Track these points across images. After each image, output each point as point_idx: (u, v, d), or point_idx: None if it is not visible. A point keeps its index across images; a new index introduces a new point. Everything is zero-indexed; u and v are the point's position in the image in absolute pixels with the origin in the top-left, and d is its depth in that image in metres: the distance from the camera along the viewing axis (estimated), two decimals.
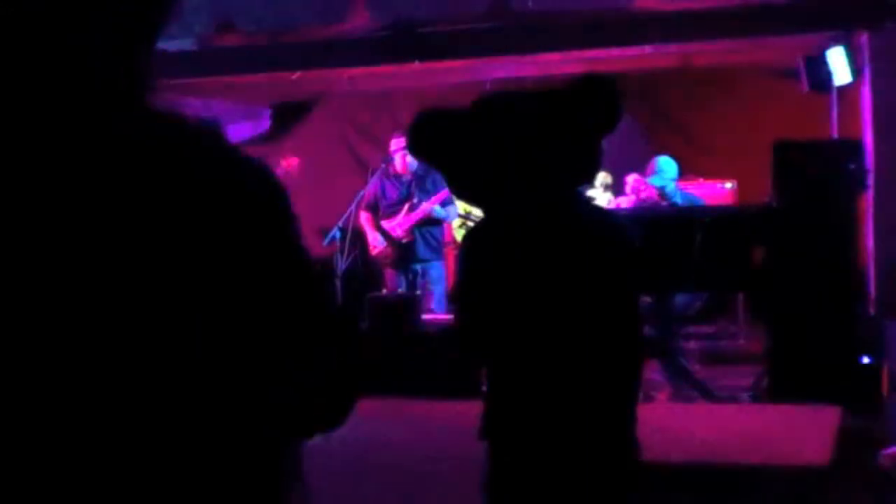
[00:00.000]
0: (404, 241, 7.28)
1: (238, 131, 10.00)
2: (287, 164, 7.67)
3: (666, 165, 7.02)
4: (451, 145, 2.26)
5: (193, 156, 1.11)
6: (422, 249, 7.30)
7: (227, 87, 8.65)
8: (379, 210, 7.42)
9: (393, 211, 7.34)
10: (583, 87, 2.21)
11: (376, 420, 5.94)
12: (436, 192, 7.14)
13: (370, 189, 7.48)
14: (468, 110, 2.28)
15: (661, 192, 6.92)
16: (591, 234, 2.21)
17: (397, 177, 7.37)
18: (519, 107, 2.26)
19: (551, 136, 2.21)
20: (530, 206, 2.20)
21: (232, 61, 7.55)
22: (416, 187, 7.25)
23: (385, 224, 7.34)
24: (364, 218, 7.48)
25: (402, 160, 7.23)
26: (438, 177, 6.95)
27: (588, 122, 2.21)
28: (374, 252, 7.45)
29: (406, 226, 7.26)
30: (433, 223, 7.31)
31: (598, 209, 2.39)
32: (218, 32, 7.04)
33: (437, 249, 7.38)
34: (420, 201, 7.22)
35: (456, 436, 5.19)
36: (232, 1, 6.89)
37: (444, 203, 7.20)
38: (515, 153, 2.19)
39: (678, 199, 6.99)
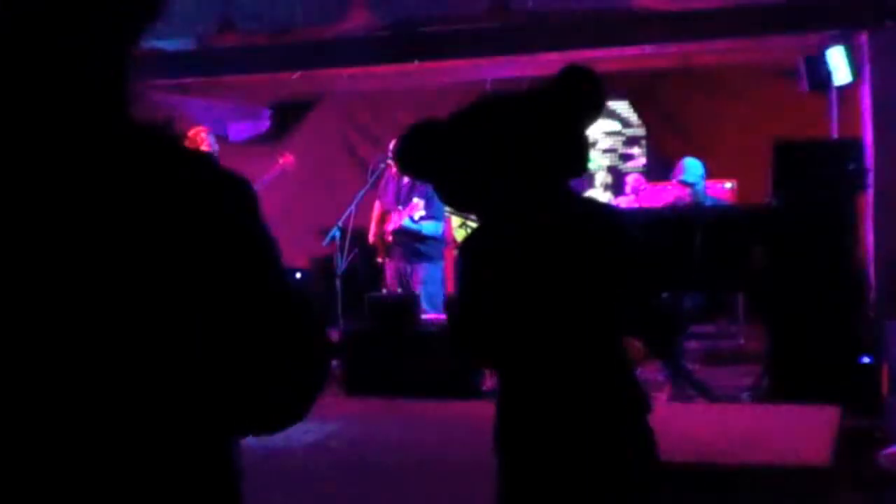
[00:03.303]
0: (387, 242, 7.28)
1: (238, 131, 10.01)
2: (284, 161, 7.67)
3: (693, 166, 7.00)
4: (437, 157, 2.26)
5: (183, 158, 1.12)
6: (407, 252, 7.24)
7: (227, 87, 8.65)
8: (382, 203, 7.45)
9: (388, 209, 7.36)
10: (564, 79, 2.22)
11: (376, 420, 5.95)
12: (406, 205, 7.10)
13: (382, 180, 7.51)
14: (451, 120, 2.28)
15: (693, 191, 6.90)
16: (588, 230, 2.21)
17: (398, 178, 7.38)
18: (502, 108, 2.26)
19: (538, 133, 2.21)
20: (524, 206, 2.19)
21: (232, 61, 7.55)
22: (403, 196, 7.22)
23: (387, 219, 7.38)
24: (375, 207, 7.48)
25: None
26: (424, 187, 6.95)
27: (572, 113, 2.22)
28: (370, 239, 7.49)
29: (390, 229, 7.26)
30: (413, 237, 7.20)
31: (596, 204, 2.38)
32: (218, 32, 7.03)
33: (425, 254, 7.28)
34: (397, 211, 7.20)
35: (455, 436, 5.20)
36: (232, 1, 6.88)
37: (420, 217, 7.10)
38: (503, 154, 2.19)
39: (707, 201, 6.97)
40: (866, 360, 5.65)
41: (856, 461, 4.52)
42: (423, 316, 6.84)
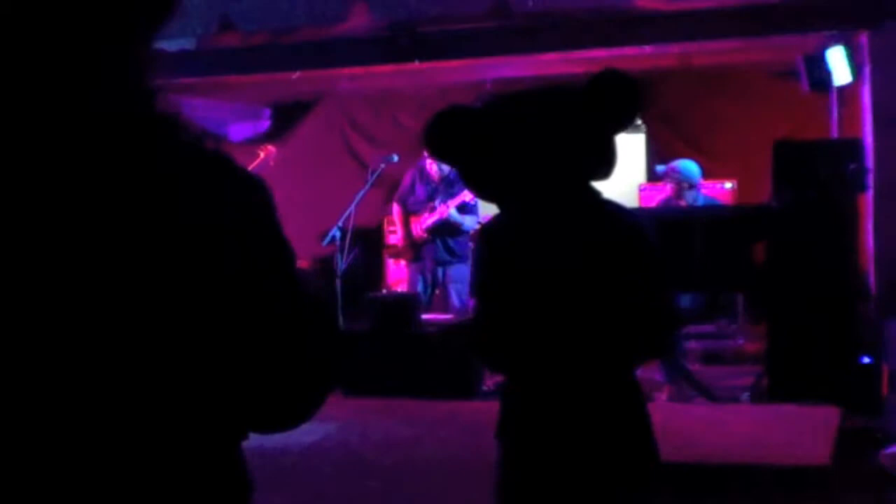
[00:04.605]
0: (420, 241, 7.31)
1: (238, 131, 10.00)
2: (265, 153, 7.67)
3: (684, 167, 6.99)
4: (467, 143, 2.26)
5: (198, 158, 1.12)
6: (440, 252, 7.31)
7: (227, 87, 8.65)
8: (407, 205, 7.46)
9: (418, 209, 7.37)
10: (598, 83, 2.21)
11: (376, 420, 5.95)
12: (454, 197, 7.15)
13: (404, 183, 7.51)
14: (484, 108, 2.28)
15: (679, 193, 6.90)
16: (605, 231, 2.21)
17: (429, 178, 7.38)
18: (534, 104, 2.26)
19: (566, 133, 2.21)
20: (545, 203, 2.20)
21: (232, 61, 7.55)
22: (442, 192, 7.26)
23: (411, 221, 7.39)
24: (395, 210, 7.55)
25: (433, 165, 7.28)
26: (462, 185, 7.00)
27: (603, 117, 2.21)
28: (391, 243, 7.49)
29: (424, 226, 7.28)
30: (452, 232, 7.27)
31: (615, 205, 2.39)
32: (218, 32, 7.03)
33: (457, 254, 7.36)
34: (440, 204, 7.24)
35: (455, 436, 5.20)
36: (232, 1, 6.88)
37: (463, 210, 7.18)
38: (531, 150, 2.20)
39: (699, 201, 6.95)
40: (866, 360, 5.65)
41: (856, 461, 4.52)
42: (426, 316, 6.85)
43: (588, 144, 2.23)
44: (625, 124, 2.25)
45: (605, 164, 2.25)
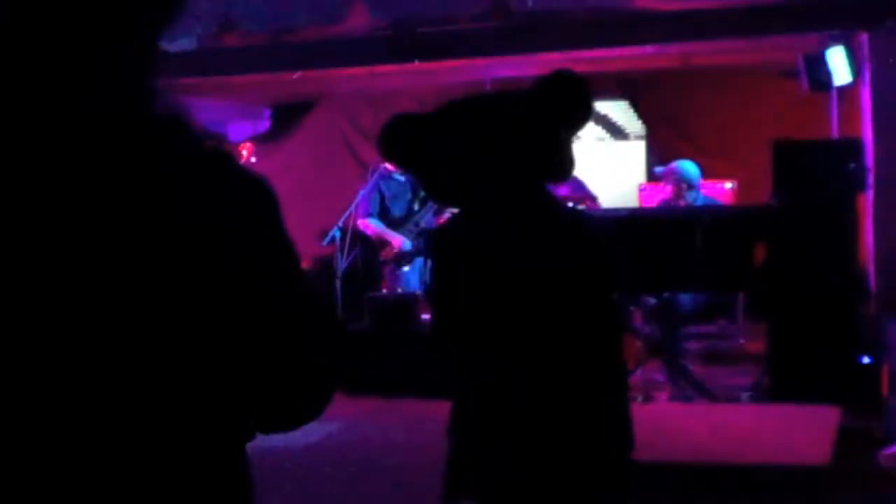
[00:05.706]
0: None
1: (238, 131, 10.01)
2: (247, 152, 7.70)
3: (683, 168, 6.98)
4: (421, 148, 2.28)
5: (198, 161, 1.12)
6: None
7: (227, 87, 8.65)
8: (390, 213, 7.34)
9: (407, 212, 7.28)
10: (548, 84, 2.23)
11: (376, 420, 5.95)
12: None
13: (372, 196, 7.39)
14: (436, 113, 2.30)
15: (679, 193, 6.89)
16: (556, 233, 2.22)
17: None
18: (485, 107, 2.28)
19: (518, 135, 2.22)
20: (499, 205, 2.20)
21: (232, 61, 7.55)
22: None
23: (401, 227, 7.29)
24: (375, 225, 7.33)
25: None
26: None
27: (554, 119, 2.22)
28: (394, 252, 7.32)
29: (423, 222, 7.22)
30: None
31: (566, 208, 2.40)
32: (218, 32, 7.04)
33: None
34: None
35: None
36: (232, 1, 6.89)
37: None
38: (480, 152, 2.21)
39: (698, 203, 6.94)
40: (866, 360, 5.65)
41: (856, 461, 4.52)
42: (427, 315, 6.83)
43: (541, 146, 2.24)
44: (576, 124, 2.26)
45: (560, 165, 2.27)
